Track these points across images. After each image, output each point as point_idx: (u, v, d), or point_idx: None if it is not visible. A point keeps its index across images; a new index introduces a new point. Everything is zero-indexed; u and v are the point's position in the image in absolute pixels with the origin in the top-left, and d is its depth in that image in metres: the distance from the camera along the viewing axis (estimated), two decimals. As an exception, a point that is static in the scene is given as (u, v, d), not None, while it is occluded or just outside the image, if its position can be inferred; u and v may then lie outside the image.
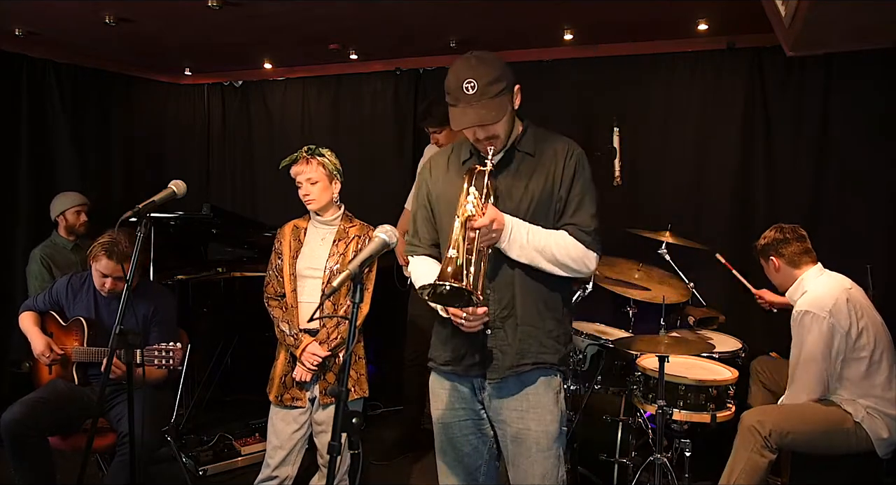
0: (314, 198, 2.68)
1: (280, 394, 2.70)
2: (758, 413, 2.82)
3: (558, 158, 1.96)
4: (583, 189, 1.96)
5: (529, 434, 1.97)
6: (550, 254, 1.89)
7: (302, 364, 2.65)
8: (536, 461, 1.97)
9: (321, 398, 2.70)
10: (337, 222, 2.77)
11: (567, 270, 1.93)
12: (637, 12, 3.51)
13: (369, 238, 2.67)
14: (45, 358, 2.91)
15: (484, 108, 1.82)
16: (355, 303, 1.67)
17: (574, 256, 1.92)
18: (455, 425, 2.06)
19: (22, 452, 2.72)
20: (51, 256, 3.76)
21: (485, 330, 1.94)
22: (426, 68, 4.68)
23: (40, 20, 3.73)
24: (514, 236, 1.86)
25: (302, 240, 2.76)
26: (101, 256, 2.85)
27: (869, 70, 3.66)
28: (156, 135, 5.29)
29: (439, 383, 2.09)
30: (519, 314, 1.95)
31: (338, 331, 2.67)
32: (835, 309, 2.74)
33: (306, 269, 2.72)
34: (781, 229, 2.99)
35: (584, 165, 1.98)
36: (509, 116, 1.92)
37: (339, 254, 2.70)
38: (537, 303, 1.96)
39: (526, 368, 1.95)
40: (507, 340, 1.95)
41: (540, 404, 1.98)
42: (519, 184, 1.95)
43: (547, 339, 1.97)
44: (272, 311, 2.75)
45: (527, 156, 1.98)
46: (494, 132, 1.89)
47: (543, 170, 1.96)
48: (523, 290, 1.95)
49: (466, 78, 1.82)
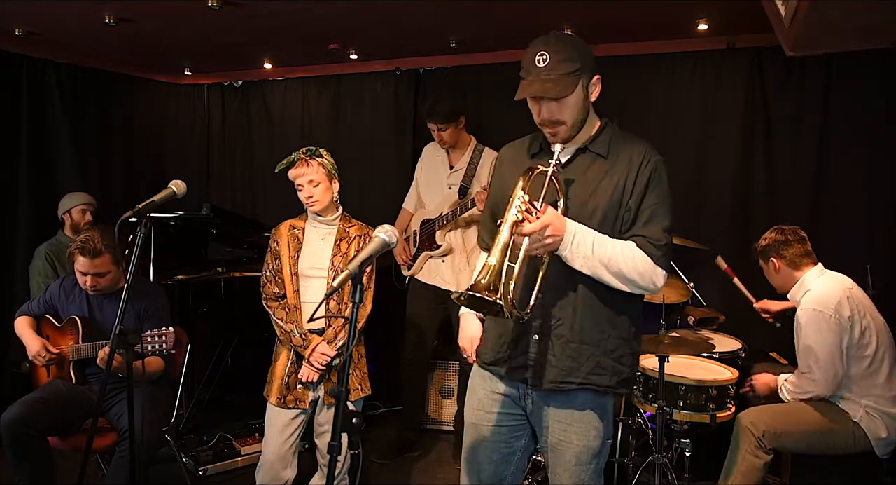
0: (317, 199, 2.66)
1: (282, 395, 2.68)
2: (753, 414, 2.82)
3: (633, 163, 1.81)
4: (657, 200, 1.80)
5: (570, 447, 1.88)
6: (617, 267, 1.75)
7: (310, 365, 2.63)
8: (574, 474, 1.89)
9: (326, 398, 2.68)
10: (337, 222, 2.76)
11: (632, 285, 1.78)
12: (637, 12, 3.50)
13: (369, 238, 2.69)
14: (40, 359, 2.92)
15: (550, 82, 1.72)
16: (356, 303, 1.66)
17: (641, 272, 1.76)
18: (486, 428, 1.98)
19: (22, 452, 2.72)
20: (55, 253, 3.78)
21: (532, 335, 1.86)
22: (426, 68, 4.68)
23: (40, 20, 3.73)
24: (577, 245, 1.72)
25: (301, 239, 2.75)
26: (76, 255, 2.87)
27: (869, 70, 3.65)
28: (156, 135, 5.29)
29: (480, 380, 2.01)
30: (574, 328, 1.82)
31: (345, 330, 2.67)
32: (839, 307, 2.73)
33: (309, 269, 2.70)
34: (782, 231, 2.99)
35: (662, 175, 1.82)
36: (580, 104, 1.79)
37: (343, 253, 2.70)
38: (600, 318, 1.83)
39: (570, 387, 1.83)
40: (553, 351, 1.84)
41: (585, 419, 1.87)
42: (586, 189, 1.82)
43: (606, 359, 1.83)
44: (274, 312, 2.72)
45: (598, 157, 1.84)
46: (559, 116, 1.78)
47: (615, 175, 1.81)
48: (585, 302, 1.82)
49: (540, 50, 1.73)
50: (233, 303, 4.13)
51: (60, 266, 3.74)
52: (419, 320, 3.85)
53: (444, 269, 3.73)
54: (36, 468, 2.75)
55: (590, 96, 1.83)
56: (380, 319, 3.90)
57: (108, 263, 2.89)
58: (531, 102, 1.82)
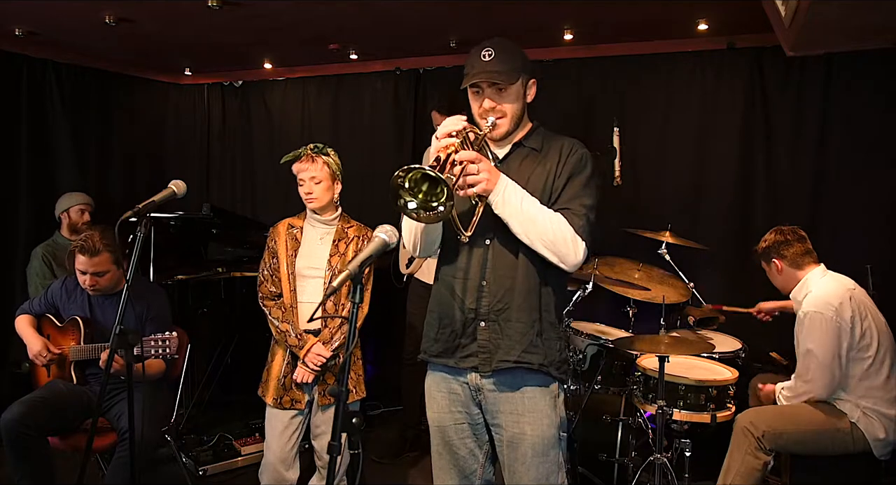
0: (316, 197, 2.65)
1: (279, 396, 2.67)
2: (751, 415, 2.82)
3: (562, 153, 1.96)
4: (580, 184, 1.93)
5: (525, 439, 1.94)
6: (542, 226, 1.84)
7: (305, 366, 2.62)
8: (532, 467, 1.94)
9: (320, 400, 2.67)
10: (335, 222, 2.74)
11: (555, 250, 1.86)
12: (637, 12, 3.50)
13: (368, 239, 2.68)
14: (41, 358, 2.92)
15: (495, 72, 1.86)
16: (355, 303, 1.66)
17: (563, 237, 1.85)
18: (451, 427, 2.04)
19: (22, 452, 2.72)
20: (52, 254, 3.77)
21: (479, 322, 1.94)
22: (426, 68, 4.68)
23: (40, 20, 3.73)
24: (508, 194, 1.83)
25: (299, 239, 2.73)
26: (76, 254, 2.87)
27: (869, 70, 3.65)
28: (156, 135, 5.29)
29: (435, 385, 2.07)
30: (514, 309, 1.92)
31: (341, 332, 2.65)
32: (840, 309, 2.73)
33: (306, 268, 2.69)
34: (781, 231, 2.98)
35: (586, 164, 1.95)
36: (519, 100, 1.95)
37: (341, 254, 2.68)
38: (534, 303, 1.93)
39: (507, 364, 1.92)
40: (500, 333, 1.93)
41: (536, 408, 1.95)
42: (521, 178, 1.92)
43: (538, 339, 1.94)
44: (270, 311, 2.70)
45: (532, 151, 1.99)
46: (502, 109, 1.92)
47: (547, 164, 1.96)
48: (523, 286, 1.92)
49: (486, 47, 1.88)
50: (233, 303, 4.13)
51: (58, 267, 3.73)
52: (419, 320, 3.82)
53: (444, 269, 3.72)
54: (36, 468, 2.75)
55: (527, 96, 1.98)
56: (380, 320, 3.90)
57: (107, 262, 2.89)
58: (472, 97, 1.96)
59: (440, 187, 1.67)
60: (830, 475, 2.85)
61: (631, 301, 3.58)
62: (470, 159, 1.76)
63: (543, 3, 3.32)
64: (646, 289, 3.54)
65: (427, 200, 1.71)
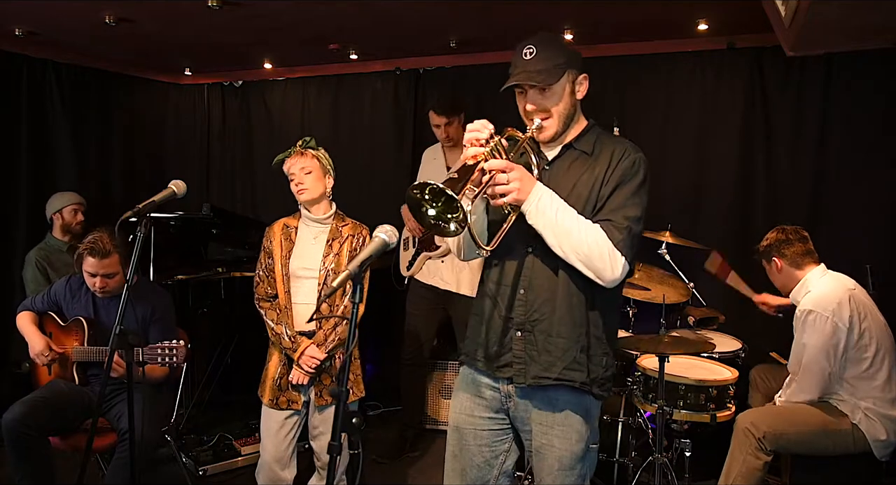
0: (307, 187, 2.61)
1: (275, 397, 2.66)
2: (752, 415, 2.82)
3: (613, 157, 1.83)
4: (630, 192, 1.79)
5: (552, 451, 1.87)
6: (578, 239, 1.73)
7: (300, 367, 2.61)
8: (557, 478, 1.88)
9: (316, 400, 2.66)
10: (329, 221, 2.70)
11: (590, 265, 1.75)
12: (637, 12, 3.50)
13: (363, 237, 2.66)
14: (43, 358, 2.91)
15: (535, 71, 1.76)
16: (355, 303, 1.66)
17: (601, 252, 1.73)
18: (470, 432, 1.98)
19: (22, 452, 2.72)
20: (46, 258, 3.74)
21: (515, 331, 1.87)
22: (426, 68, 4.68)
23: (40, 20, 3.73)
24: (542, 204, 1.72)
25: (293, 239, 2.70)
26: (86, 256, 2.86)
27: (869, 70, 3.65)
28: (156, 135, 5.29)
29: (465, 384, 2.01)
30: (553, 324, 1.83)
31: (335, 333, 2.63)
32: (838, 309, 2.73)
33: (300, 269, 2.66)
34: (783, 230, 2.99)
35: (638, 171, 1.81)
36: (566, 98, 1.83)
37: (335, 254, 2.64)
38: (577, 315, 1.83)
39: (548, 381, 1.83)
40: (536, 346, 1.85)
41: (567, 422, 1.87)
42: (567, 184, 1.83)
43: (582, 355, 1.83)
44: (265, 312, 2.68)
45: (583, 154, 1.87)
46: (545, 105, 1.81)
47: (596, 169, 1.83)
48: (564, 299, 1.83)
49: (527, 45, 1.78)
50: (233, 303, 4.13)
51: (52, 270, 3.70)
52: (419, 321, 3.85)
53: (444, 269, 3.73)
54: (36, 468, 2.75)
55: (576, 93, 1.87)
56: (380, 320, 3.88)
57: (116, 263, 2.88)
58: (519, 99, 1.86)
59: (455, 204, 1.57)
60: (830, 475, 2.85)
61: (631, 301, 3.58)
62: (500, 168, 1.67)
63: (543, 3, 3.32)
64: (646, 289, 3.54)
65: (443, 211, 1.63)
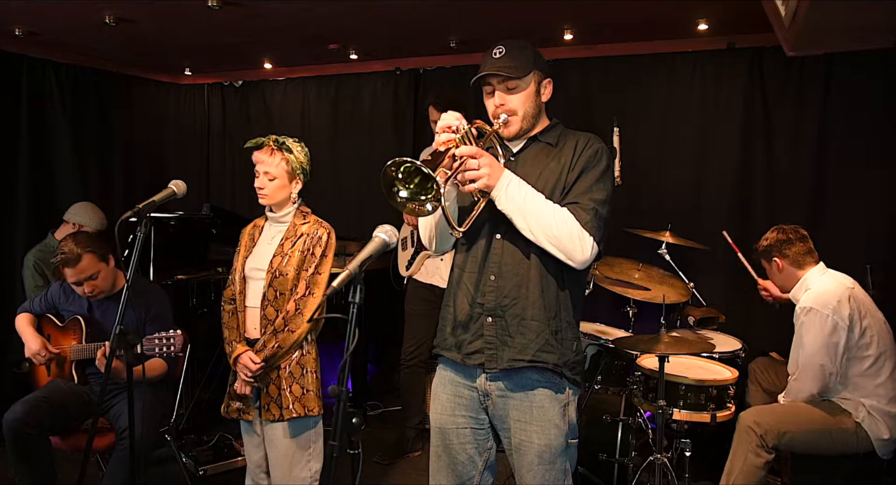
0: (267, 193, 2.47)
1: (226, 406, 2.56)
2: (754, 413, 2.82)
3: (578, 146, 1.92)
4: (592, 178, 1.87)
5: (532, 447, 1.90)
6: (547, 222, 1.79)
7: (239, 375, 2.46)
8: (538, 474, 1.91)
9: (264, 414, 2.46)
10: (287, 219, 2.53)
11: (561, 247, 1.80)
12: (637, 12, 3.50)
13: (318, 237, 2.47)
14: (39, 357, 2.91)
15: (504, 67, 1.85)
16: (354, 303, 1.66)
17: (570, 233, 1.79)
18: (452, 431, 2.01)
19: (23, 451, 2.72)
20: (44, 259, 3.73)
21: (486, 317, 1.91)
22: (426, 68, 4.68)
23: (40, 20, 3.73)
24: (511, 189, 1.79)
25: (256, 239, 2.58)
26: (62, 270, 2.87)
27: (869, 70, 3.65)
28: (156, 135, 5.29)
29: (442, 386, 2.04)
30: (526, 306, 1.88)
31: (275, 339, 2.38)
32: (838, 307, 2.73)
33: (252, 270, 2.50)
34: (783, 230, 2.99)
35: (601, 158, 1.90)
36: (532, 98, 1.92)
37: (284, 254, 2.45)
38: (550, 299, 1.89)
39: (521, 363, 1.87)
40: (509, 331, 1.89)
41: (545, 417, 1.90)
42: (533, 172, 1.90)
43: (553, 338, 1.88)
44: (223, 315, 2.55)
45: (547, 145, 1.96)
46: (511, 104, 1.89)
47: (562, 158, 1.92)
48: (536, 283, 1.88)
49: (497, 46, 1.88)
50: (233, 303, 4.13)
51: (51, 274, 3.69)
52: (418, 320, 3.84)
53: (443, 268, 3.73)
54: (36, 468, 2.76)
55: (542, 94, 1.95)
56: (380, 320, 3.89)
57: (92, 262, 2.85)
58: (487, 98, 1.94)
59: (430, 183, 1.63)
60: (831, 475, 2.85)
61: (631, 301, 3.58)
62: (470, 154, 1.73)
63: (543, 3, 3.32)
64: (646, 289, 3.54)
65: (417, 192, 1.68)
